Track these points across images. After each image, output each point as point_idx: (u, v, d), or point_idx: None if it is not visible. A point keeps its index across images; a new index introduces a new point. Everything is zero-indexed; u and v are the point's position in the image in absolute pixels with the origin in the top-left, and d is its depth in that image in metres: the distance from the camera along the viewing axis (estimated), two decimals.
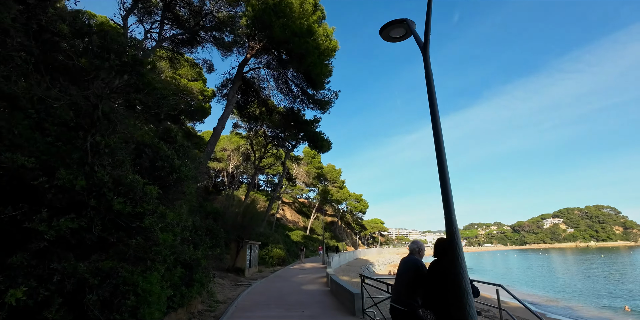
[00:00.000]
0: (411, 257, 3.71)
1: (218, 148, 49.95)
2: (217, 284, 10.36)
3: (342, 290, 7.86)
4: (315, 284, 12.02)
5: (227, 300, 8.31)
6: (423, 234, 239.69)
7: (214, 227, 6.94)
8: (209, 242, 6.32)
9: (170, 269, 4.37)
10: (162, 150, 4.62)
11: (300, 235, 41.92)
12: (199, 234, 6.05)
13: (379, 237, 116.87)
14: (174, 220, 3.77)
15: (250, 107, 25.74)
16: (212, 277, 7.14)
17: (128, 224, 3.27)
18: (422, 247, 3.80)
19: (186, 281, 5.55)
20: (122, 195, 3.36)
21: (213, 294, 8.05)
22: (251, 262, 15.34)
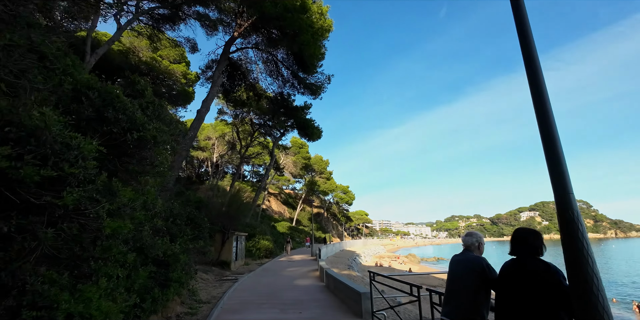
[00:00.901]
0: (470, 256, 2.75)
1: (202, 136, 48.08)
2: (199, 281, 9.28)
3: (343, 288, 6.93)
4: (308, 279, 11.10)
5: (212, 299, 7.25)
6: (406, 226, 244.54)
7: (196, 216, 5.82)
8: (190, 233, 5.22)
9: (135, 268, 3.28)
10: (115, 96, 3.31)
11: (286, 226, 41.03)
12: (178, 223, 4.95)
13: (363, 228, 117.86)
14: (135, 201, 2.64)
15: (237, 91, 24.21)
16: (194, 273, 6.05)
17: (30, 199, 2.03)
18: (482, 241, 2.85)
19: (160, 281, 4.46)
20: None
21: (195, 293, 6.97)
22: (237, 254, 14.29)
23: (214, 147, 48.45)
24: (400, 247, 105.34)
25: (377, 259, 47.31)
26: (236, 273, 12.42)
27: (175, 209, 5.14)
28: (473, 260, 2.63)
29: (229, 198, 13.45)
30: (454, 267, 2.77)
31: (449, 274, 2.79)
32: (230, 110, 31.94)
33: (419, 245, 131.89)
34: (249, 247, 18.55)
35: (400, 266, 42.56)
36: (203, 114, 16.79)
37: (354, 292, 6.06)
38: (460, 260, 2.75)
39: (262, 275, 12.29)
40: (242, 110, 30.31)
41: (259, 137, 33.75)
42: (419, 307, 4.02)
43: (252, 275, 11.99)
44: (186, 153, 15.79)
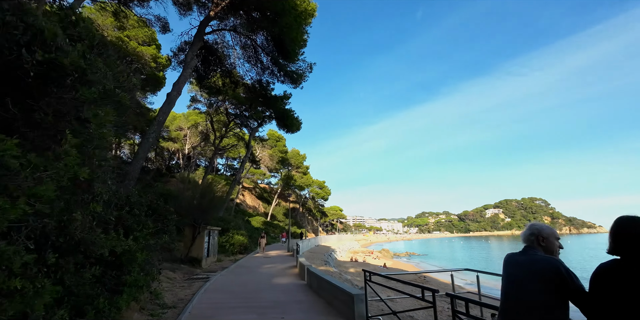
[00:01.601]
0: (537, 256, 2.00)
1: (173, 127, 45.71)
2: (165, 281, 8.21)
3: (331, 288, 6.20)
4: (287, 277, 10.30)
5: (178, 303, 6.27)
6: (378, 221, 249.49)
7: (160, 206, 4.84)
8: (152, 226, 4.26)
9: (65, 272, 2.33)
10: None
11: (260, 221, 39.89)
12: (136, 213, 3.98)
13: (337, 224, 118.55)
14: (37, 169, 1.64)
15: (212, 78, 22.68)
16: (157, 274, 5.06)
17: None
18: (544, 233, 2.12)
19: (110, 287, 3.49)
20: None
21: (158, 296, 5.96)
22: (209, 250, 13.20)
23: (185, 138, 46.15)
24: (373, 243, 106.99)
25: (352, 254, 47.31)
26: (208, 271, 11.38)
27: (133, 197, 4.15)
28: (543, 263, 1.90)
29: (202, 190, 12.30)
30: (513, 272, 2.03)
31: (504, 282, 2.05)
32: (204, 98, 30.18)
33: (391, 240, 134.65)
34: (222, 242, 17.44)
35: (374, 261, 42.78)
36: (174, 98, 15.35)
37: (345, 293, 5.33)
38: (523, 262, 1.99)
39: (237, 273, 11.33)
40: (217, 99, 28.70)
41: (235, 128, 32.24)
42: (435, 315, 3.34)
43: (226, 273, 11.01)
44: (154, 140, 14.35)
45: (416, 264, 46.53)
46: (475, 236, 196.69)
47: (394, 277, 4.62)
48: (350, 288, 5.47)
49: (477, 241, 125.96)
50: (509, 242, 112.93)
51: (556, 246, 2.06)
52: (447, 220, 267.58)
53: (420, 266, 43.49)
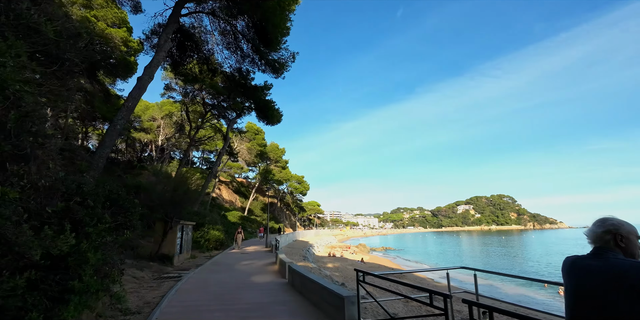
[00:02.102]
0: (617, 260, 1.51)
1: (146, 116, 43.51)
2: (131, 281, 7.40)
3: (317, 289, 5.69)
4: (266, 274, 9.70)
5: (144, 307, 5.54)
6: (355, 217, 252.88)
7: (122, 197, 4.08)
8: (110, 220, 3.53)
9: None
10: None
11: (237, 216, 38.83)
12: (89, 205, 3.25)
13: (315, 219, 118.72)
14: None
15: (188, 64, 21.37)
16: (117, 275, 4.34)
17: None
18: (623, 231, 1.66)
19: (53, 295, 2.79)
20: None
21: (121, 300, 5.21)
22: (182, 246, 12.32)
23: (159, 129, 44.03)
24: (350, 237, 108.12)
25: (330, 249, 47.27)
26: (180, 269, 10.56)
27: (87, 185, 3.39)
28: (625, 269, 1.48)
29: (175, 182, 11.37)
30: (585, 281, 1.56)
31: (571, 293, 1.58)
32: (180, 86, 28.61)
33: (367, 235, 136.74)
34: (196, 238, 16.52)
35: (351, 256, 42.93)
36: (145, 83, 14.18)
37: (334, 295, 4.84)
38: (598, 269, 1.51)
39: (212, 270, 10.59)
40: (193, 88, 27.26)
41: (212, 119, 30.87)
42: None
43: (200, 271, 10.25)
44: (122, 127, 13.18)
45: (392, 258, 47.23)
46: (447, 231, 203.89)
47: (392, 279, 4.16)
48: (340, 289, 4.99)
49: (448, 236, 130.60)
50: (478, 236, 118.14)
51: (637, 247, 1.60)
52: (421, 216, 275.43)
53: (396, 261, 44.14)
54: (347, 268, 28.45)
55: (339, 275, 22.21)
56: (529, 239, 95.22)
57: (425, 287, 3.26)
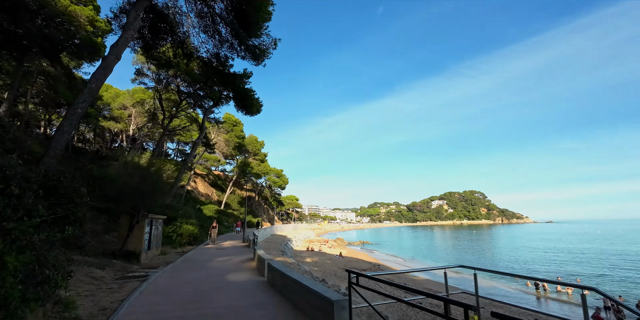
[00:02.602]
0: None
1: (116, 104, 41.04)
2: (89, 282, 6.51)
3: (301, 290, 5.11)
4: (243, 272, 9.01)
5: (98, 314, 4.74)
6: (333, 211, 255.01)
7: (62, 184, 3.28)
8: (44, 212, 2.75)
9: None
10: None
11: (213, 209, 37.54)
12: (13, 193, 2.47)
13: (293, 213, 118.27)
14: None
15: (162, 47, 19.87)
16: (64, 281, 3.54)
17: None
18: None
19: None
20: None
21: (70, 306, 4.40)
22: (151, 242, 11.34)
23: (130, 119, 41.63)
24: (328, 232, 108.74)
25: (308, 244, 46.98)
26: (148, 267, 9.65)
27: (10, 168, 2.57)
28: None
29: (142, 172, 10.32)
30: None
31: None
32: (152, 72, 26.83)
33: (345, 229, 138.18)
34: (168, 232, 15.48)
35: (330, 250, 42.85)
36: (111, 63, 12.87)
37: (321, 299, 4.26)
38: None
39: (184, 268, 9.75)
40: (167, 74, 25.62)
41: (187, 108, 29.31)
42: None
43: (170, 270, 9.39)
44: (83, 111, 11.87)
45: (370, 252, 47.68)
46: (421, 226, 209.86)
47: (393, 283, 3.64)
48: (328, 291, 4.42)
49: (423, 230, 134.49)
50: (451, 231, 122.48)
51: None
52: (396, 211, 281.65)
53: (374, 255, 44.56)
54: (326, 262, 28.17)
55: (318, 270, 21.83)
56: (498, 233, 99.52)
57: (443, 297, 2.75)
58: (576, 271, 28.24)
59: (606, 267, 29.62)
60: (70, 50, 22.93)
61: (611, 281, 24.60)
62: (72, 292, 5.79)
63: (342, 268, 26.45)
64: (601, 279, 25.51)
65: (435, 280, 24.89)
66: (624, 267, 30.17)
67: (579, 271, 28.52)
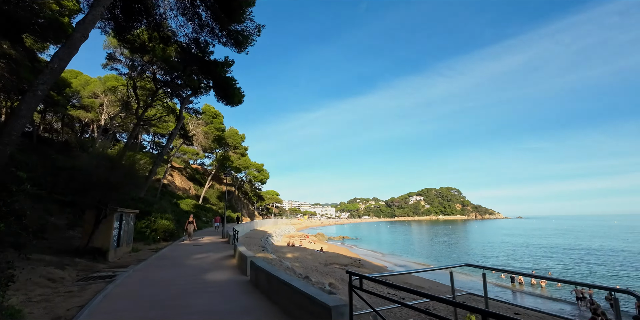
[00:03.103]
0: None
1: (86, 92, 38.53)
2: (45, 284, 5.68)
3: (291, 293, 4.57)
4: (223, 270, 8.36)
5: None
6: (313, 206, 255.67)
7: None
8: None
9: None
10: None
11: (191, 204, 36.18)
12: None
13: (273, 208, 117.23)
14: None
15: (136, 30, 18.48)
16: (2, 287, 2.83)
17: None
18: None
19: None
20: None
21: (15, 315, 3.66)
22: (121, 238, 10.40)
23: (102, 108, 39.19)
24: (308, 227, 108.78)
25: (289, 239, 46.51)
26: (116, 266, 8.79)
27: None
28: None
29: (112, 162, 9.34)
30: None
31: None
32: (126, 57, 25.12)
33: (325, 224, 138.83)
34: (141, 228, 14.46)
35: (310, 245, 42.59)
36: (76, 42, 11.65)
37: (316, 303, 3.74)
38: None
39: (157, 266, 8.97)
40: (141, 59, 24.03)
41: (164, 97, 27.77)
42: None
43: (142, 269, 8.58)
44: (43, 93, 10.67)
45: (350, 247, 47.84)
46: (399, 221, 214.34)
47: (398, 285, 3.16)
48: (322, 295, 3.90)
49: (401, 225, 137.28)
50: (427, 226, 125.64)
51: None
52: (376, 206, 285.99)
53: (354, 250, 44.72)
54: (307, 258, 27.79)
55: (300, 265, 21.39)
56: (472, 228, 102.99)
57: (445, 298, 2.29)
58: (547, 265, 29.36)
59: (576, 262, 30.97)
60: (34, 30, 21.01)
61: (580, 274, 25.69)
62: (22, 297, 4.99)
63: (323, 263, 26.16)
64: (572, 272, 26.60)
65: (424, 277, 25.08)
66: (591, 261, 31.68)
67: (550, 265, 29.71)
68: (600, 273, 25.78)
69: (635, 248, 40.53)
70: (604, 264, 29.48)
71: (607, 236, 59.95)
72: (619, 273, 25.43)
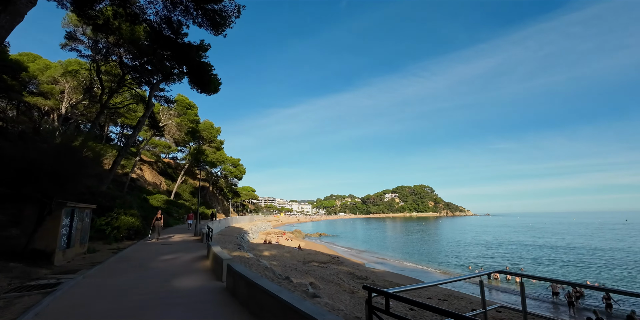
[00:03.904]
0: None
1: (45, 78, 35.24)
2: None
3: (281, 308, 3.60)
4: (194, 275, 7.21)
5: None
6: (289, 203, 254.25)
7: None
8: None
9: None
10: None
11: (162, 199, 34.00)
12: None
13: (249, 205, 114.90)
14: None
15: (99, 3, 16.50)
16: None
17: None
18: None
19: None
20: None
21: None
22: (72, 238, 8.89)
23: (63, 95, 35.89)
24: (285, 223, 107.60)
25: (265, 236, 45.22)
26: (64, 271, 7.39)
27: None
28: None
29: (60, 148, 7.79)
30: None
31: None
32: (89, 38, 22.73)
33: (301, 221, 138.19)
34: (100, 225, 12.84)
35: (288, 243, 41.58)
36: (22, 8, 9.94)
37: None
38: None
39: (115, 271, 7.65)
40: (106, 41, 21.82)
41: (132, 84, 25.56)
42: None
43: (95, 274, 7.25)
44: None
45: (328, 244, 47.29)
46: (374, 217, 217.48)
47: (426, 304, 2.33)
48: (326, 314, 2.97)
49: (376, 222, 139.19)
50: (402, 222, 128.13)
51: None
52: (351, 203, 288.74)
53: (332, 246, 44.18)
54: (285, 256, 26.79)
55: (277, 264, 20.35)
56: (444, 224, 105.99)
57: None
58: (518, 262, 30.17)
59: (547, 259, 32.00)
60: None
61: (552, 268, 26.47)
62: None
63: (301, 261, 25.26)
64: (544, 267, 27.40)
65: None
66: (558, 257, 32.90)
67: (523, 260, 30.58)
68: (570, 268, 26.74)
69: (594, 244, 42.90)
70: (572, 259, 30.69)
71: (569, 233, 63.48)
72: (585, 267, 26.45)
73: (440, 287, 20.45)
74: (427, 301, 16.12)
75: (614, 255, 32.71)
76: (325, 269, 22.93)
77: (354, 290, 16.15)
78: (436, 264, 29.79)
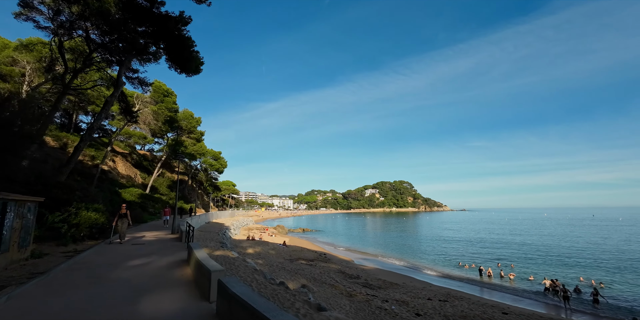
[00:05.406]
0: None
1: (2, 58, 31.61)
2: None
3: None
4: (171, 291, 5.39)
5: None
6: (270, 198, 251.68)
7: None
8: None
9: None
10: None
11: (136, 193, 31.29)
12: None
13: (230, 199, 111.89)
14: None
15: None
16: None
17: None
18: None
19: None
20: None
21: None
22: (4, 240, 6.70)
23: (24, 78, 32.18)
24: (266, 219, 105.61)
25: (248, 232, 43.24)
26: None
27: None
28: None
29: None
30: None
31: None
32: (49, 7, 19.73)
33: (283, 216, 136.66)
34: (53, 222, 10.61)
35: (271, 239, 39.88)
36: None
37: None
38: None
39: (61, 285, 5.69)
40: (70, 11, 18.97)
41: (101, 63, 22.70)
42: None
43: (29, 291, 5.28)
44: None
45: (312, 240, 45.94)
46: (355, 213, 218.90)
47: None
48: None
49: (356, 217, 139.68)
50: (381, 217, 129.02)
51: None
52: (333, 198, 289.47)
53: (317, 242, 42.87)
54: (270, 253, 25.06)
55: (263, 263, 18.66)
56: (424, 220, 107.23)
57: None
58: (503, 256, 30.11)
59: (530, 254, 32.02)
60: None
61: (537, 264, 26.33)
62: None
63: (288, 259, 23.64)
64: (529, 262, 27.31)
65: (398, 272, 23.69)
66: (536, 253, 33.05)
67: (505, 255, 30.67)
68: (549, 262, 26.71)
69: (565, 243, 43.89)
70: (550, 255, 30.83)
71: (545, 228, 65.33)
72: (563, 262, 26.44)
73: (438, 286, 19.56)
74: (429, 302, 14.99)
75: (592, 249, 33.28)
76: (314, 267, 21.46)
77: (351, 293, 14.71)
78: (424, 260, 29.14)
